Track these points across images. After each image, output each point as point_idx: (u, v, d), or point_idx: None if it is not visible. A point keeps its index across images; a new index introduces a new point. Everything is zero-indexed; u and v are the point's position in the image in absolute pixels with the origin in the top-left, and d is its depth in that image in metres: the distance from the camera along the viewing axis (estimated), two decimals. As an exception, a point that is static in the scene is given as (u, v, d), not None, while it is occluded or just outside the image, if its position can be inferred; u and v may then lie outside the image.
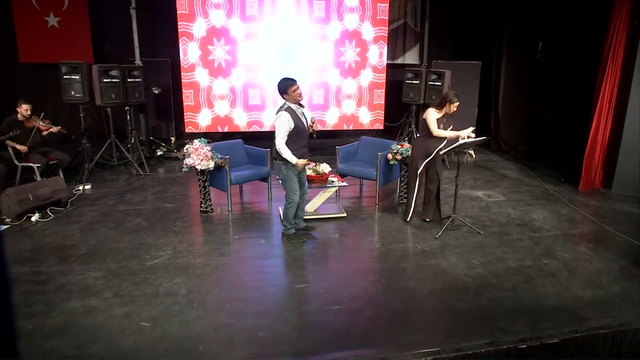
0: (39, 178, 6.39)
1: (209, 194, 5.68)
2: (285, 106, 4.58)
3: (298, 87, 4.58)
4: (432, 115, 5.19)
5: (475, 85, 8.89)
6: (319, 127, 4.64)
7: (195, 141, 5.49)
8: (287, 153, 4.53)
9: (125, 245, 4.78)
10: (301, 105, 4.70)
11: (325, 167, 5.38)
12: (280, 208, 5.72)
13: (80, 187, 6.52)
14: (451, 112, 5.21)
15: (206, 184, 5.62)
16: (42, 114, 6.68)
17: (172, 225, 5.33)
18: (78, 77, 6.98)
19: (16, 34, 8.92)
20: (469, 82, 8.79)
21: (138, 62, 7.99)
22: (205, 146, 5.43)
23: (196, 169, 5.45)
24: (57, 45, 8.91)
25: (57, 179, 5.95)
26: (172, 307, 3.64)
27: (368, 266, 4.48)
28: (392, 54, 9.95)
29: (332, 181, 5.49)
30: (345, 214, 5.61)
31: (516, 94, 9.11)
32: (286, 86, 4.56)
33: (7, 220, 5.40)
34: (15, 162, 6.52)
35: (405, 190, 6.03)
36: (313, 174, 5.35)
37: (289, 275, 4.26)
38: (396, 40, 10.19)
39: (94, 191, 6.53)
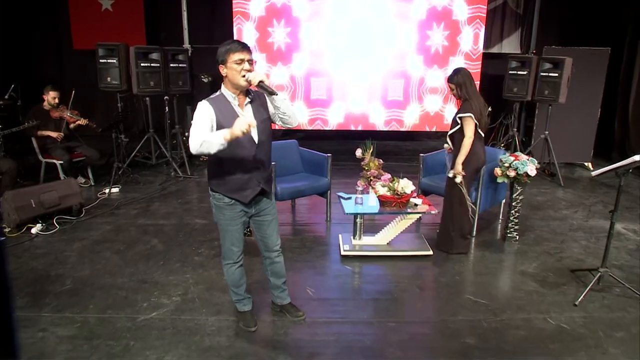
0: (62, 177, 5.25)
1: (246, 212, 4.13)
2: (217, 94, 2.47)
3: (246, 61, 2.37)
4: None
5: (599, 79, 6.61)
6: (267, 85, 2.40)
7: (231, 141, 3.95)
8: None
9: (123, 282, 3.34)
10: (246, 94, 2.49)
11: (406, 185, 3.61)
12: (340, 236, 4.05)
13: (106, 190, 5.26)
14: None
15: (243, 198, 4.07)
16: (70, 104, 5.52)
17: (194, 252, 3.84)
18: (115, 61, 5.75)
19: (70, 19, 8.02)
20: (592, 74, 6.52)
21: (186, 45, 6.63)
22: (243, 148, 3.88)
23: (230, 178, 3.91)
24: (110, 31, 7.83)
25: (70, 181, 4.70)
26: (145, 420, 2.10)
27: (472, 357, 2.67)
28: (486, 42, 7.87)
29: (415, 204, 3.71)
30: (430, 252, 3.81)
31: (655, 91, 6.72)
32: (224, 52, 2.38)
33: (6, 230, 4.22)
34: (40, 157, 5.43)
35: (517, 219, 4.12)
36: (389, 194, 3.60)
37: (342, 364, 2.57)
38: (492, 25, 8.07)
39: (121, 196, 5.24)
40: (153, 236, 4.15)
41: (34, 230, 4.19)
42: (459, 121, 3.66)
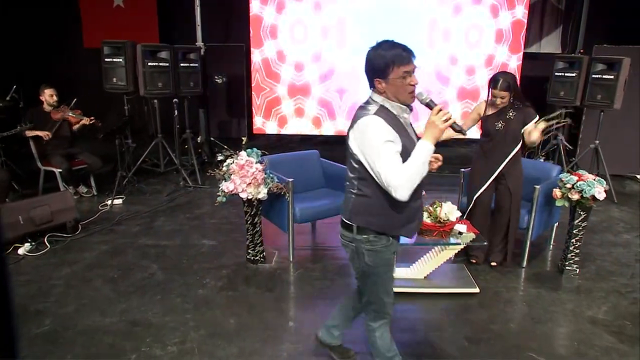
0: (62, 186, 4.75)
1: (260, 235, 3.53)
2: (377, 106, 1.80)
3: (414, 69, 1.77)
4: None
5: (657, 81, 5.82)
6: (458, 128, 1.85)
7: (243, 153, 3.36)
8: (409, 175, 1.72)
9: (111, 323, 2.77)
10: (409, 108, 1.87)
11: (450, 210, 2.95)
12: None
13: (108, 202, 4.73)
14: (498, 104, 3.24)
15: (257, 219, 3.48)
16: (73, 103, 5.01)
17: (198, 283, 3.26)
18: (121, 59, 5.22)
19: (82, 17, 7.55)
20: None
21: (199, 43, 6.06)
22: (255, 162, 3.28)
23: (241, 198, 3.33)
24: (121, 29, 7.33)
25: (64, 194, 4.18)
26: None
27: None
28: (524, 40, 7.12)
29: (460, 232, 3.06)
30: (477, 289, 3.15)
31: None
32: (389, 61, 1.72)
33: (-8, 249, 3.70)
34: (39, 164, 4.93)
35: (577, 248, 3.44)
36: (429, 221, 2.95)
37: None
38: (531, 22, 7.32)
39: (124, 208, 4.71)
40: (153, 261, 3.58)
41: (21, 251, 3.66)
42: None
